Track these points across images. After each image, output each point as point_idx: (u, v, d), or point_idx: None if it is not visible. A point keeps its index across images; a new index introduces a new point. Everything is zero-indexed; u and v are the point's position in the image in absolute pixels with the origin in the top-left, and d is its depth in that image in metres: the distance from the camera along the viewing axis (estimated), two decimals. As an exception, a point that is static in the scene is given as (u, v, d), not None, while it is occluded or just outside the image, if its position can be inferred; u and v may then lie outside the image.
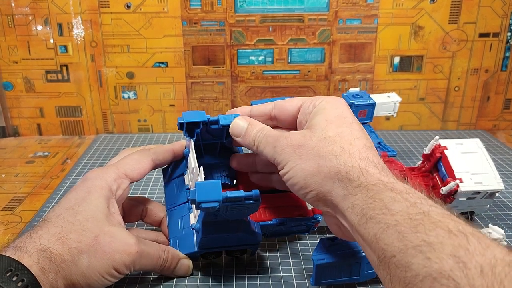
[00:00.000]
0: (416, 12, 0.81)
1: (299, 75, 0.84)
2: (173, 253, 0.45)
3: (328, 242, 0.43)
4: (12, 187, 0.67)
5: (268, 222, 0.47)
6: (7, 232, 0.55)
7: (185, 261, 0.46)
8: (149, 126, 0.87)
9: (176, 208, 0.50)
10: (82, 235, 0.40)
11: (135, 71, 0.83)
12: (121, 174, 0.46)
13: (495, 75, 0.86)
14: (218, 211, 0.40)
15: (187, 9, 0.79)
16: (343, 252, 0.42)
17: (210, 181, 0.39)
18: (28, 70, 0.82)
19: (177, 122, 0.46)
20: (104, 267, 0.40)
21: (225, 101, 0.86)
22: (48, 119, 0.86)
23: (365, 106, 0.61)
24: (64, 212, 0.41)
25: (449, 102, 0.87)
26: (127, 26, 0.80)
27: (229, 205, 0.39)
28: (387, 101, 0.65)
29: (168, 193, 0.52)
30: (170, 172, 0.53)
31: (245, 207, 0.40)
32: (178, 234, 0.48)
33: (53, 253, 0.38)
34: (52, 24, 0.80)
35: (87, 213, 0.41)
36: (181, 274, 0.46)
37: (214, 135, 0.49)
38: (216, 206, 0.38)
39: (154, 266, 0.44)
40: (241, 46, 0.82)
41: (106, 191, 0.44)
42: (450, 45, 0.83)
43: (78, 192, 0.43)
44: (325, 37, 0.82)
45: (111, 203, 0.44)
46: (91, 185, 0.44)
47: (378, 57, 0.84)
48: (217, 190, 0.38)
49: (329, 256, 0.42)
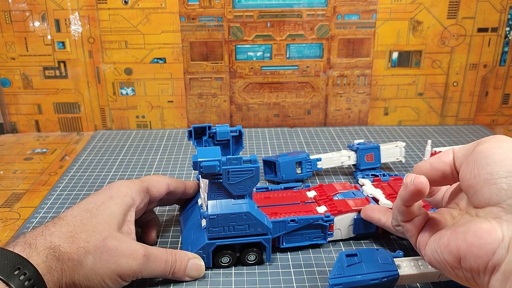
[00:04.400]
0: (414, 7, 0.81)
1: (298, 70, 0.84)
2: (181, 254, 0.45)
3: (347, 260, 0.41)
4: (10, 184, 0.67)
5: (279, 219, 0.48)
6: (5, 228, 0.55)
7: (196, 261, 0.45)
8: (147, 122, 0.87)
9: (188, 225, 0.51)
10: (91, 236, 0.40)
11: (133, 67, 0.83)
12: (144, 188, 0.48)
13: (494, 70, 0.85)
14: (221, 178, 0.43)
15: (185, 4, 0.79)
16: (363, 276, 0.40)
17: (211, 147, 0.43)
18: (25, 67, 0.82)
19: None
20: (106, 272, 0.40)
21: (224, 97, 0.86)
22: (46, 116, 0.86)
23: (370, 149, 0.65)
24: (81, 214, 0.42)
25: (447, 97, 0.87)
26: (125, 22, 0.80)
27: (230, 169, 0.43)
28: (392, 146, 0.67)
29: (183, 220, 0.53)
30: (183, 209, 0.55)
31: (245, 173, 0.43)
32: (190, 239, 0.48)
33: (62, 251, 0.38)
34: (50, 20, 0.79)
35: (102, 217, 0.42)
36: (193, 274, 0.45)
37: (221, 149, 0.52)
38: (216, 164, 0.41)
39: (163, 271, 0.43)
40: (239, 42, 0.82)
41: (129, 198, 0.45)
42: (448, 40, 0.83)
43: (100, 196, 0.45)
44: (323, 33, 0.82)
45: (130, 211, 0.45)
46: (115, 191, 0.45)
47: (376, 52, 0.83)
48: (217, 152, 0.44)
49: (347, 281, 0.39)
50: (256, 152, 0.76)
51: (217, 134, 0.51)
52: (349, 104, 0.87)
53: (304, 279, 0.46)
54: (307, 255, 0.49)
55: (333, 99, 0.86)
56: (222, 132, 0.51)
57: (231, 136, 0.52)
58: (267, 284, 0.45)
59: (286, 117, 0.88)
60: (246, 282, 0.45)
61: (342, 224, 0.51)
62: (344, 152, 0.65)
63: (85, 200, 0.45)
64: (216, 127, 0.51)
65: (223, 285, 0.45)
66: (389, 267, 0.41)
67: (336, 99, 0.87)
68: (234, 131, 0.52)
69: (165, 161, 0.73)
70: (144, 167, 0.71)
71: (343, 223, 0.51)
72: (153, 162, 0.72)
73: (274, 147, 0.78)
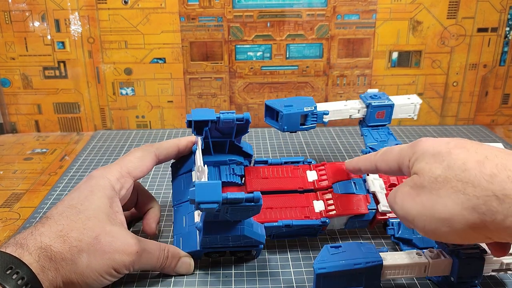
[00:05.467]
0: (414, 7, 0.81)
1: (297, 70, 0.84)
2: (173, 252, 0.45)
3: (332, 250, 0.41)
4: (10, 184, 0.67)
5: (274, 224, 0.47)
6: (5, 229, 0.55)
7: (186, 259, 0.46)
8: (147, 122, 0.87)
9: (182, 205, 0.50)
10: (83, 234, 0.40)
11: (133, 67, 0.83)
12: (124, 173, 0.47)
13: (494, 70, 0.85)
14: (219, 212, 0.39)
15: (184, 4, 0.79)
16: (347, 261, 0.40)
17: (210, 182, 0.38)
18: (25, 67, 0.82)
19: (186, 120, 0.46)
20: (103, 267, 0.40)
21: (223, 97, 0.86)
22: (46, 116, 0.86)
23: (383, 107, 0.59)
24: (66, 210, 0.42)
25: (447, 97, 0.87)
26: (125, 22, 0.80)
27: (229, 207, 0.39)
28: (407, 102, 0.61)
29: (175, 189, 0.52)
30: (179, 167, 0.53)
31: (246, 209, 0.40)
32: (182, 232, 0.48)
33: (54, 251, 0.38)
34: (49, 20, 0.79)
35: (89, 212, 0.42)
36: (182, 272, 0.46)
37: (223, 133, 0.49)
38: (215, 207, 0.37)
39: (154, 266, 0.44)
40: (239, 42, 0.82)
41: (109, 190, 0.44)
42: (448, 40, 0.83)
43: (81, 191, 0.44)
44: (323, 33, 0.82)
45: (114, 202, 0.44)
46: (94, 184, 0.44)
47: (376, 53, 0.83)
48: (217, 191, 0.37)
49: (331, 265, 0.40)
50: (255, 152, 0.76)
51: (221, 122, 0.47)
52: (349, 104, 0.87)
53: (304, 279, 0.46)
54: (307, 255, 0.49)
55: (333, 99, 0.86)
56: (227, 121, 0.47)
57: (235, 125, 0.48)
58: (267, 285, 0.45)
59: (286, 117, 0.88)
60: (246, 282, 0.45)
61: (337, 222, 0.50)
62: (354, 104, 0.60)
63: (67, 196, 0.44)
64: (220, 113, 0.47)
65: (223, 285, 0.45)
66: (372, 255, 0.41)
67: (336, 99, 0.86)
68: (240, 119, 0.48)
69: (165, 161, 0.73)
70: (144, 167, 0.71)
71: (340, 222, 0.50)
72: (153, 162, 0.72)
73: (274, 147, 0.78)
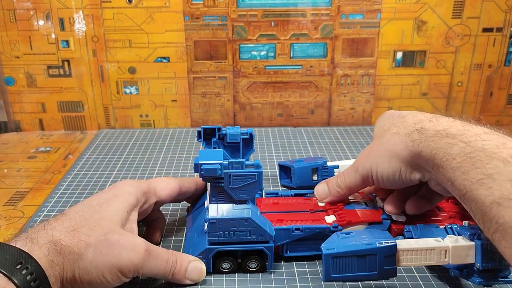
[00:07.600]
0: (419, 7, 0.80)
1: (302, 70, 0.84)
2: (182, 256, 0.44)
3: (341, 235, 0.40)
4: (14, 182, 0.67)
5: (283, 227, 0.46)
6: (9, 227, 0.55)
7: (196, 263, 0.44)
8: (151, 121, 0.87)
9: (193, 227, 0.50)
10: (93, 230, 0.40)
11: (137, 66, 0.83)
12: (151, 189, 0.48)
13: (499, 70, 0.85)
14: (222, 182, 0.42)
15: (189, 3, 0.79)
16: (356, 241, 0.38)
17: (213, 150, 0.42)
18: (30, 65, 0.82)
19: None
20: (107, 266, 0.39)
21: (227, 96, 0.86)
22: (50, 114, 0.86)
23: None
24: (84, 210, 0.42)
25: (452, 98, 0.87)
26: (129, 21, 0.80)
27: (231, 173, 0.42)
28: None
29: (189, 221, 0.53)
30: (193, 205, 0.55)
31: (247, 178, 0.42)
32: (192, 242, 0.48)
33: (63, 245, 0.38)
34: (54, 19, 0.79)
35: (105, 213, 0.42)
36: (194, 277, 0.44)
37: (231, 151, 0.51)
38: (217, 167, 0.40)
39: (164, 270, 0.42)
40: (243, 41, 0.82)
41: (133, 198, 0.45)
42: (453, 40, 0.83)
43: (104, 194, 0.45)
44: (327, 32, 0.82)
45: (133, 211, 0.45)
46: (120, 190, 0.45)
47: (380, 52, 0.83)
48: (219, 154, 0.43)
49: (340, 246, 0.38)
50: (259, 152, 0.75)
51: (227, 136, 0.50)
52: (353, 104, 0.87)
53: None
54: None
55: (337, 98, 0.86)
56: (233, 134, 0.50)
57: (241, 139, 0.50)
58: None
59: (289, 116, 0.88)
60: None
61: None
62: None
63: (90, 197, 0.45)
64: (227, 129, 0.50)
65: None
66: (386, 237, 0.39)
67: (340, 98, 0.86)
68: (245, 134, 0.51)
69: (168, 160, 0.73)
70: (147, 166, 0.71)
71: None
72: (156, 161, 0.72)
73: (277, 147, 0.78)
